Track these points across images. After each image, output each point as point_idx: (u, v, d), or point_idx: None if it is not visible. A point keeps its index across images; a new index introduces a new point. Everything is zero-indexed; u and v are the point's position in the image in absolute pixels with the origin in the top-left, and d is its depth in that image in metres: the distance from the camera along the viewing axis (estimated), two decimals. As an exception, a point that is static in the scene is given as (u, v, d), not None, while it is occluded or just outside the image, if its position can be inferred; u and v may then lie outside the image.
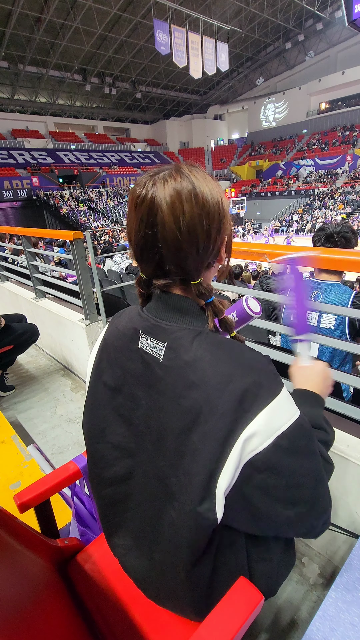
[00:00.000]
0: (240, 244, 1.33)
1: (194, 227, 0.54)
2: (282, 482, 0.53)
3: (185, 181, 0.53)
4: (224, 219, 0.58)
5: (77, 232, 2.15)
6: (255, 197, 32.43)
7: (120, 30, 26.43)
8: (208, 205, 0.54)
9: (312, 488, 0.56)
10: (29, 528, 0.76)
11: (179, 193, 0.53)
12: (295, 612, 1.13)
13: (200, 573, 0.60)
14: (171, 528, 0.58)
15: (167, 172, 0.55)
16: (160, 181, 0.54)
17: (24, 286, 3.56)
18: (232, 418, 0.51)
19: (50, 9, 22.28)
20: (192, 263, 0.57)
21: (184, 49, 21.67)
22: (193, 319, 0.60)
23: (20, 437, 1.79)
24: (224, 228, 0.59)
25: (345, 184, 27.32)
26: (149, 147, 40.44)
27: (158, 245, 0.55)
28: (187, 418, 0.54)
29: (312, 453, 0.57)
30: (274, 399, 0.52)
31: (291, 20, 29.92)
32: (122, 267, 5.75)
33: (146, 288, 0.66)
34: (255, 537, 0.67)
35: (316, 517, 0.58)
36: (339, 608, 0.70)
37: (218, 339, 0.57)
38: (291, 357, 1.33)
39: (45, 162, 30.17)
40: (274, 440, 0.52)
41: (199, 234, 0.54)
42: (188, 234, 0.54)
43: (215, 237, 0.57)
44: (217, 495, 0.53)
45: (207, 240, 0.56)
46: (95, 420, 0.70)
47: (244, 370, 0.53)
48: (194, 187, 0.53)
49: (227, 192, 29.77)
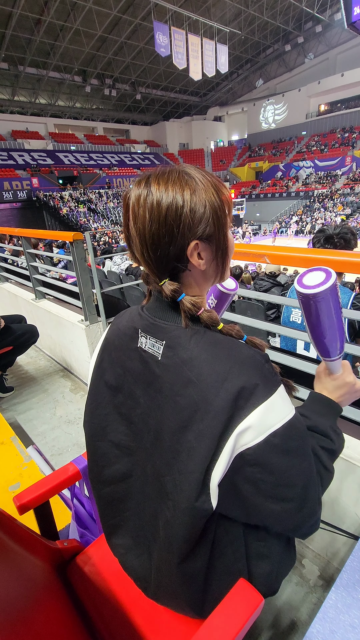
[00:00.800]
0: (239, 245, 1.33)
1: (144, 230, 0.55)
2: (272, 479, 0.54)
3: (145, 187, 0.55)
4: (182, 224, 0.55)
5: (76, 233, 2.15)
6: (254, 199, 32.48)
7: (120, 32, 26.50)
8: (158, 211, 0.54)
9: (301, 489, 0.57)
10: (28, 530, 0.76)
11: (138, 198, 0.55)
12: (295, 614, 1.13)
13: (195, 566, 0.60)
14: (166, 527, 0.59)
15: (139, 179, 0.58)
16: (134, 186, 0.57)
17: (24, 287, 3.56)
18: (228, 415, 0.52)
19: (50, 11, 22.34)
20: (151, 264, 0.58)
21: (184, 50, 21.73)
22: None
23: (19, 439, 1.79)
24: (182, 233, 0.55)
25: (345, 186, 27.39)
26: (149, 148, 40.51)
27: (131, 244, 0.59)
28: (184, 416, 0.55)
29: (303, 454, 0.57)
30: (270, 397, 0.53)
31: (291, 23, 30.03)
32: (121, 268, 5.75)
33: (148, 284, 0.67)
34: (254, 533, 0.67)
35: (303, 517, 0.59)
36: (339, 610, 0.69)
37: (215, 338, 0.58)
38: (290, 358, 1.33)
39: (45, 163, 30.23)
40: (266, 438, 0.52)
41: (147, 237, 0.56)
42: (138, 236, 0.56)
43: (167, 242, 0.55)
44: (211, 487, 0.54)
45: (156, 244, 0.56)
46: (97, 418, 0.70)
47: (240, 368, 0.53)
48: (150, 192, 0.55)
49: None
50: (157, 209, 0.54)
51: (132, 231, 0.57)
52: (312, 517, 0.60)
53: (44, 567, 0.77)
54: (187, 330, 0.58)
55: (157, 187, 0.55)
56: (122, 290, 4.33)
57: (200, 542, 0.59)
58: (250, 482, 0.55)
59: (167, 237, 0.55)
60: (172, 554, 0.59)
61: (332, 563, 1.26)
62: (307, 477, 0.57)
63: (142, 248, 0.57)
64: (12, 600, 0.55)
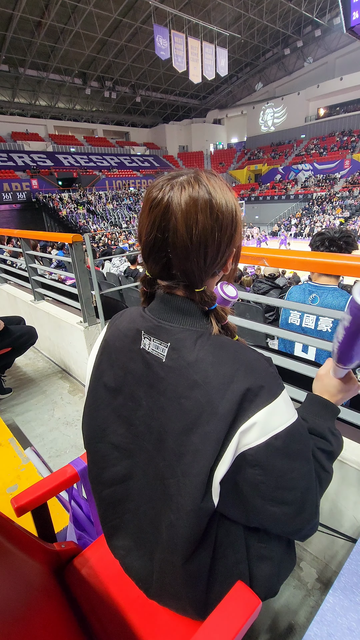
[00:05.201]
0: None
1: (205, 238, 0.53)
2: (272, 482, 0.54)
3: (202, 190, 0.52)
4: (236, 232, 0.58)
5: (76, 235, 2.15)
6: (254, 201, 32.57)
7: (120, 35, 26.60)
8: (222, 217, 0.54)
9: (301, 493, 0.57)
10: (26, 532, 0.76)
11: (195, 202, 0.52)
12: (293, 617, 1.13)
13: (198, 568, 0.60)
14: (170, 529, 0.59)
15: (185, 178, 0.54)
16: (177, 186, 0.53)
17: (23, 288, 3.56)
18: (233, 418, 0.52)
19: (51, 14, 22.40)
20: (197, 272, 0.56)
21: (184, 54, 21.80)
22: (195, 320, 0.60)
23: (17, 440, 1.78)
24: (234, 240, 0.59)
25: (344, 189, 27.49)
26: (149, 150, 40.60)
27: (167, 250, 0.55)
28: (188, 418, 0.55)
29: (304, 459, 0.57)
30: (274, 400, 0.53)
31: (290, 27, 30.20)
32: (120, 270, 5.75)
33: (149, 287, 0.65)
34: (256, 535, 0.67)
35: (302, 521, 0.59)
36: (336, 613, 0.69)
37: (220, 340, 0.58)
38: (288, 360, 1.33)
39: (45, 164, 30.26)
40: (268, 439, 0.53)
41: (209, 245, 0.54)
42: (198, 244, 0.53)
43: (224, 250, 0.57)
44: (214, 485, 0.55)
45: (216, 252, 0.56)
46: (96, 420, 0.70)
47: (245, 371, 0.53)
48: (211, 197, 0.52)
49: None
50: (222, 215, 0.53)
51: (177, 237, 0.53)
52: (311, 521, 0.60)
53: (41, 569, 0.77)
54: (192, 332, 0.58)
55: (215, 191, 0.53)
56: (121, 292, 4.33)
57: (203, 543, 0.59)
58: (251, 484, 0.55)
59: (225, 245, 0.56)
60: (176, 555, 0.59)
61: (330, 566, 1.26)
62: (307, 481, 0.57)
63: (192, 254, 0.54)
64: (9, 602, 0.55)
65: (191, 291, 0.60)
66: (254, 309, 3.09)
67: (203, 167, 6.58)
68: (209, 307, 0.60)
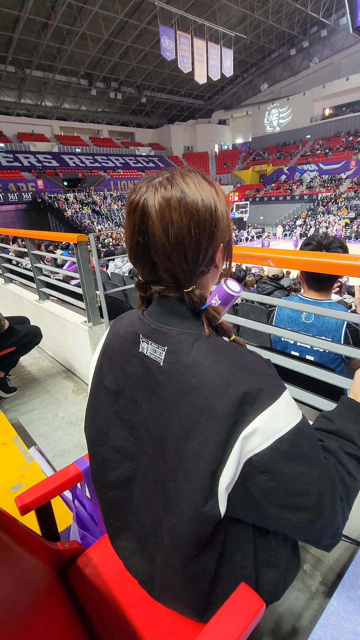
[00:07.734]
0: (243, 248, 1.33)
1: (182, 237, 0.52)
2: (283, 488, 0.53)
3: (175, 189, 0.52)
4: (218, 227, 0.56)
5: (81, 235, 2.16)
6: (258, 202, 32.50)
7: (126, 36, 26.70)
8: (198, 215, 0.53)
9: (315, 497, 0.54)
10: (30, 531, 0.76)
11: (168, 201, 0.51)
12: (297, 620, 1.12)
13: (201, 570, 0.60)
14: (172, 532, 0.58)
15: (159, 179, 0.54)
16: (151, 189, 0.53)
17: (28, 288, 3.58)
18: (232, 421, 0.51)
19: (57, 15, 22.54)
20: (180, 272, 0.55)
21: (189, 54, 21.85)
22: (192, 322, 0.59)
23: (21, 439, 1.79)
24: (217, 236, 0.57)
25: (349, 189, 27.34)
26: (154, 151, 40.68)
27: (150, 253, 0.55)
28: (187, 423, 0.54)
29: (314, 461, 0.55)
30: (274, 402, 0.52)
31: (296, 27, 30.11)
32: (123, 270, 5.76)
33: (144, 291, 0.65)
34: (264, 541, 0.66)
35: (320, 528, 0.56)
36: (340, 617, 0.69)
37: (218, 343, 0.57)
38: (293, 361, 1.32)
39: (51, 165, 30.45)
40: (273, 444, 0.51)
41: (187, 244, 0.53)
42: (176, 244, 0.53)
43: (206, 247, 0.56)
44: (219, 492, 0.53)
45: (196, 251, 0.55)
46: (98, 423, 0.70)
47: (243, 374, 0.53)
48: (184, 195, 0.52)
49: (230, 196, 29.83)
50: (196, 212, 0.52)
51: (156, 239, 0.53)
52: (329, 528, 0.57)
53: (44, 568, 0.77)
54: (189, 335, 0.57)
55: (189, 188, 0.53)
56: (125, 292, 4.33)
57: (208, 546, 0.58)
58: (262, 491, 0.53)
59: (206, 242, 0.55)
60: (177, 558, 0.58)
61: (334, 569, 1.25)
62: (319, 485, 0.55)
63: (173, 255, 0.54)
64: (12, 600, 0.55)
65: (182, 292, 0.59)
66: (258, 310, 3.08)
67: (208, 167, 6.56)
68: (200, 308, 0.59)
